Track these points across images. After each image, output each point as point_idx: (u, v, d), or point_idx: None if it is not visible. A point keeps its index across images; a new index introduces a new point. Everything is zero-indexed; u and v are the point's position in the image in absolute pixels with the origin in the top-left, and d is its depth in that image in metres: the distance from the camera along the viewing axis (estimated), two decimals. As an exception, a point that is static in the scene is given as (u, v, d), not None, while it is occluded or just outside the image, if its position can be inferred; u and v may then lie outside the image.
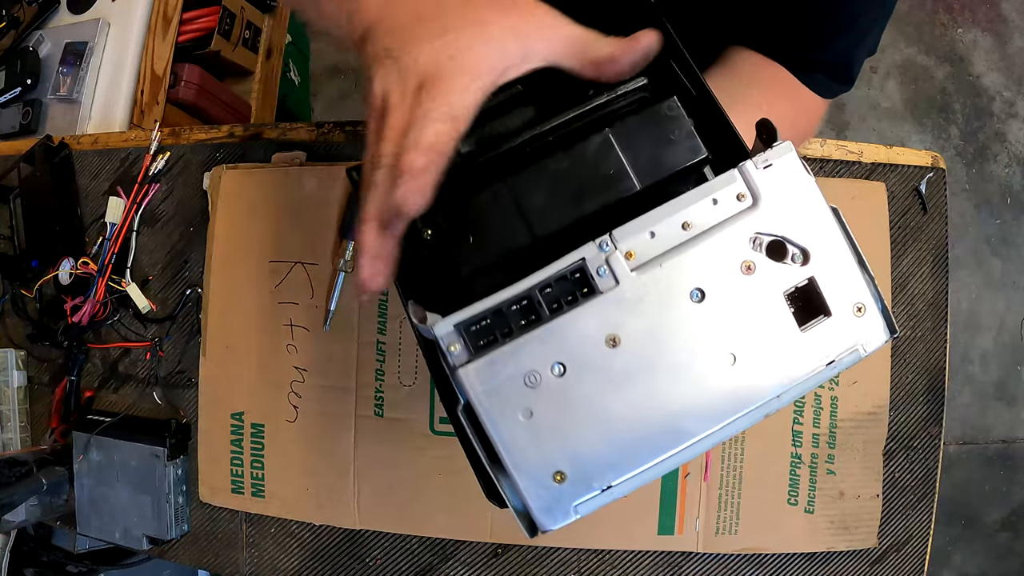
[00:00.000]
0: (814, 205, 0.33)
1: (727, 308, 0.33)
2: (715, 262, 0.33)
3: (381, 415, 0.72)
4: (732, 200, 0.33)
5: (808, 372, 0.33)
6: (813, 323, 0.33)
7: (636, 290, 0.33)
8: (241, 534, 0.76)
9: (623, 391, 0.32)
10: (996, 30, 1.91)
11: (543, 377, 0.33)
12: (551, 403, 0.33)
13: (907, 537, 0.70)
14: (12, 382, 0.84)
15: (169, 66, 1.23)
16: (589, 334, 0.33)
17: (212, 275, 0.76)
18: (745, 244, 0.33)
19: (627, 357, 0.32)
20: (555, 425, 0.33)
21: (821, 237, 0.33)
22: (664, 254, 0.33)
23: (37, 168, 0.84)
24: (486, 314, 0.33)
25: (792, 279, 0.33)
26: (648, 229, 0.33)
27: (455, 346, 0.34)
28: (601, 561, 0.70)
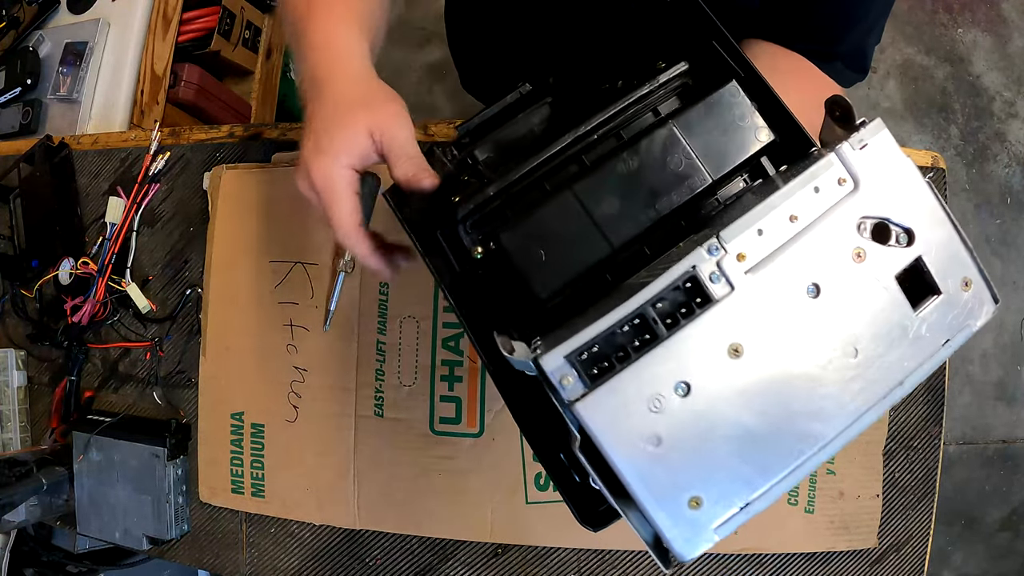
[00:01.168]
0: (913, 183, 0.32)
1: (843, 300, 0.31)
2: (826, 253, 0.31)
3: (381, 415, 0.72)
4: (834, 186, 0.31)
5: (928, 354, 0.31)
6: (926, 303, 0.31)
7: (753, 293, 0.31)
8: (241, 534, 0.76)
9: (752, 402, 0.30)
10: (996, 30, 1.91)
11: (667, 400, 0.30)
12: (679, 426, 0.30)
13: (907, 537, 0.70)
14: (12, 382, 0.84)
15: (169, 66, 1.23)
16: (710, 347, 0.30)
17: (212, 275, 0.76)
18: (852, 231, 0.31)
19: (752, 365, 0.30)
20: (686, 449, 0.30)
21: (922, 215, 0.32)
22: (776, 251, 0.31)
23: (37, 168, 0.84)
24: (597, 339, 0.30)
25: (901, 261, 0.31)
26: (756, 226, 0.31)
27: (568, 379, 0.30)
28: (601, 561, 0.70)
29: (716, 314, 0.30)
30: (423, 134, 0.75)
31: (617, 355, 0.31)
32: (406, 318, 0.72)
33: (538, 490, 0.70)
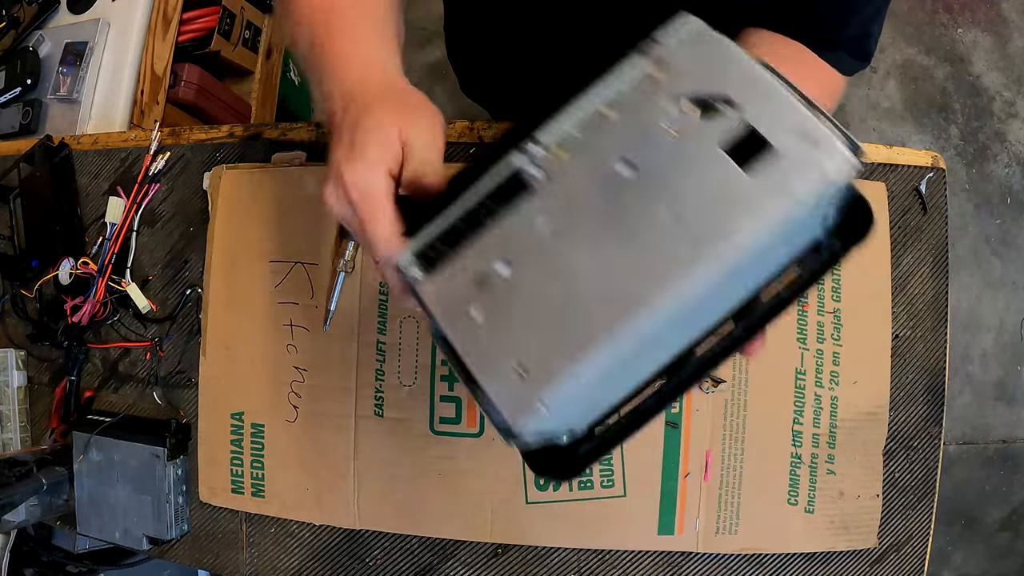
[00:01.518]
0: (733, 57, 0.33)
1: (666, 175, 0.32)
2: (641, 133, 0.33)
3: (381, 415, 0.72)
4: (642, 76, 0.34)
5: (770, 213, 0.30)
6: (758, 163, 0.31)
7: (569, 177, 0.34)
8: (241, 534, 0.76)
9: (572, 273, 0.32)
10: (996, 30, 1.91)
11: (492, 277, 0.34)
12: (503, 299, 0.33)
13: (907, 537, 0.70)
14: (12, 382, 0.84)
15: (169, 66, 1.24)
16: (531, 228, 0.34)
17: (212, 275, 0.76)
18: (670, 110, 0.33)
19: (571, 240, 0.33)
20: (508, 319, 0.33)
21: (750, 86, 0.32)
22: (590, 139, 0.34)
23: (37, 168, 0.84)
24: (437, 236, 0.36)
25: (728, 130, 0.32)
26: (568, 124, 0.35)
27: (413, 269, 0.36)
28: (601, 561, 0.70)
29: (536, 199, 0.34)
30: (423, 134, 0.75)
31: (452, 245, 0.36)
32: (406, 318, 0.72)
33: (538, 490, 0.70)
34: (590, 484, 0.69)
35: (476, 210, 0.36)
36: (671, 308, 0.31)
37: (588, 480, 0.69)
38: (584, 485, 0.69)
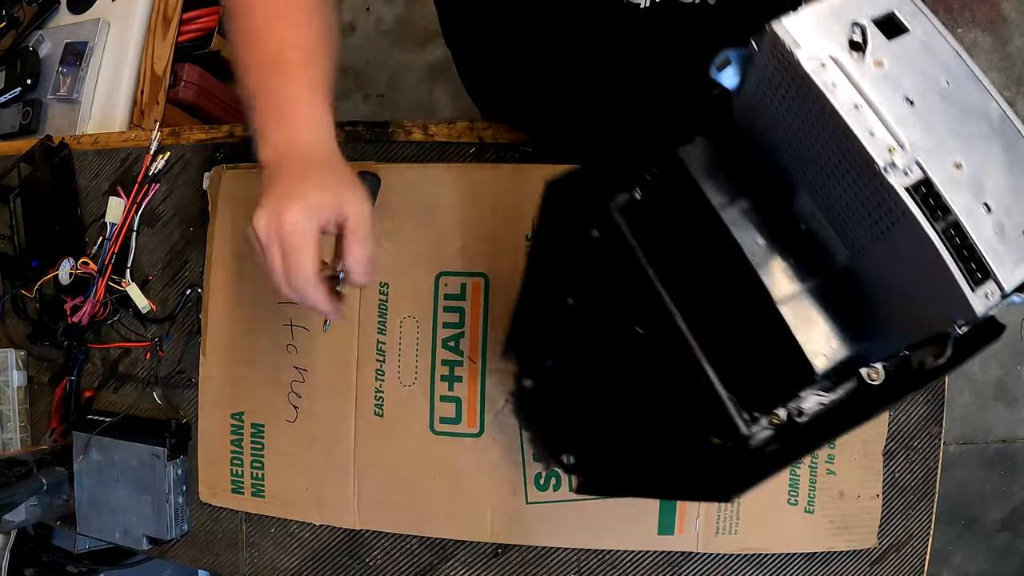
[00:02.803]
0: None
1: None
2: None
3: (381, 415, 0.72)
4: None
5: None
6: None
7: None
8: (241, 534, 0.76)
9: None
10: (996, 30, 1.91)
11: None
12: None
13: (907, 537, 0.70)
14: (12, 382, 0.84)
15: (169, 66, 1.24)
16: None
17: (212, 275, 0.76)
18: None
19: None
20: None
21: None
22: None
23: (37, 168, 0.84)
24: None
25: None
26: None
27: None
28: (601, 561, 0.70)
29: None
30: (423, 134, 0.75)
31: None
32: (406, 318, 0.72)
33: (538, 490, 0.70)
34: (590, 484, 0.69)
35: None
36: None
37: (588, 480, 0.69)
38: (584, 485, 0.69)
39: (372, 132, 0.75)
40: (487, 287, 0.71)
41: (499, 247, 0.71)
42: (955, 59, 0.33)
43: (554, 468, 0.56)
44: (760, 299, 0.38)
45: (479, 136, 0.74)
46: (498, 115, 0.77)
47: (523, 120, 0.75)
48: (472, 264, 0.71)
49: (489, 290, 0.71)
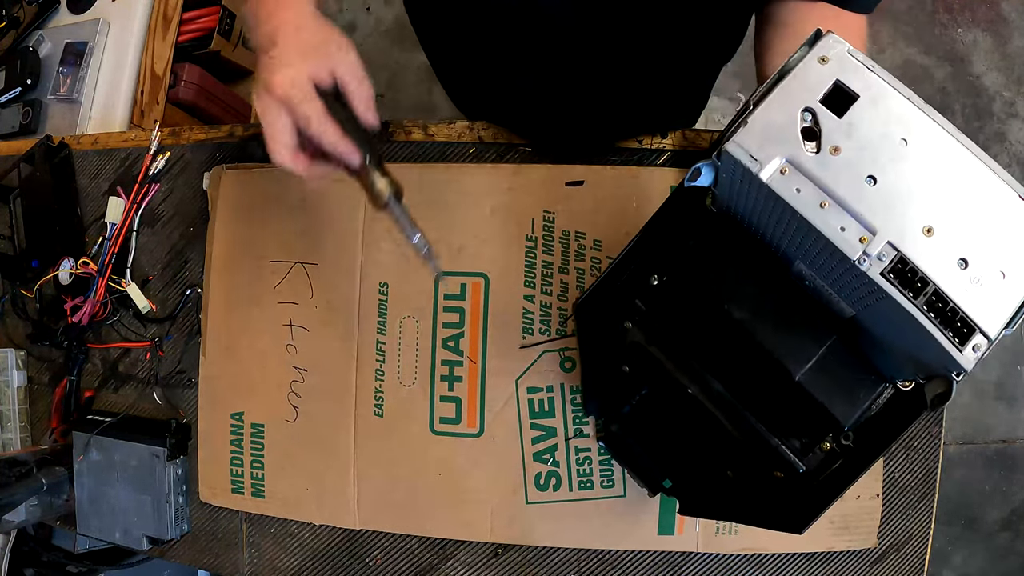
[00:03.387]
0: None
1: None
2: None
3: (381, 415, 0.72)
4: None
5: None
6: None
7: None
8: (241, 534, 0.76)
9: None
10: (996, 30, 1.91)
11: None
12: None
13: (907, 537, 0.70)
14: (12, 382, 0.84)
15: (169, 66, 1.23)
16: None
17: (212, 275, 0.76)
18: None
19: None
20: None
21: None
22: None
23: (37, 168, 0.84)
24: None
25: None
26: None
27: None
28: (601, 561, 0.70)
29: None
30: (423, 134, 0.75)
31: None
32: (406, 318, 0.72)
33: (538, 490, 0.70)
34: (590, 484, 0.69)
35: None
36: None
37: (588, 480, 0.69)
38: (584, 485, 0.69)
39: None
40: (487, 287, 0.71)
41: (499, 247, 0.71)
42: (909, 108, 0.34)
43: (659, 492, 0.63)
44: (785, 377, 0.41)
45: (479, 136, 0.74)
46: (479, 115, 0.78)
47: (503, 118, 0.75)
48: (472, 264, 0.71)
49: (489, 290, 0.71)
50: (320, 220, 0.74)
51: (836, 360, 0.41)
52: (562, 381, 0.70)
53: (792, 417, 0.43)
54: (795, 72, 0.34)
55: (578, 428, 0.69)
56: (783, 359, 0.41)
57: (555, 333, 0.70)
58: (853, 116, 0.34)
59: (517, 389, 0.70)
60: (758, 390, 0.44)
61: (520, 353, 0.70)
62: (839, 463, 0.43)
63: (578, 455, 0.69)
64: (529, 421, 0.70)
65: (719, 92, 1.77)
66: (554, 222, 0.71)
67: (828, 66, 0.34)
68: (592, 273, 0.70)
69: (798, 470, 0.43)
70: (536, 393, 0.70)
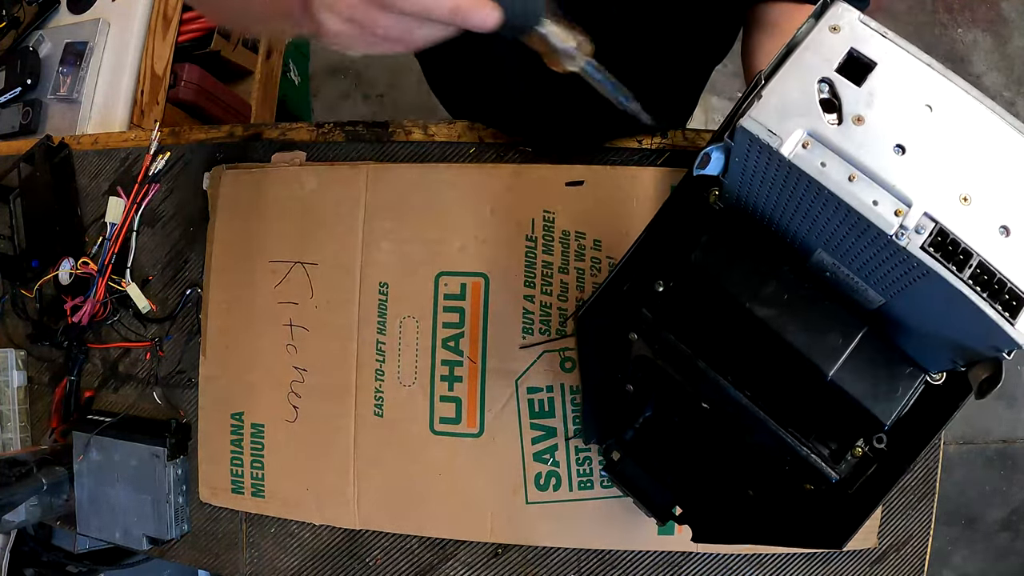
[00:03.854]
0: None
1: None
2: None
3: (381, 415, 0.72)
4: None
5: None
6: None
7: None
8: (241, 534, 0.76)
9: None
10: (996, 30, 1.91)
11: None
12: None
13: (907, 537, 0.70)
14: (12, 382, 0.84)
15: (169, 66, 1.23)
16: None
17: (212, 275, 0.76)
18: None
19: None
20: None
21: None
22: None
23: (37, 168, 0.84)
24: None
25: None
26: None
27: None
28: (601, 561, 0.70)
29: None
30: (423, 134, 0.75)
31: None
32: (406, 318, 0.72)
33: (538, 490, 0.70)
34: (590, 484, 0.69)
35: None
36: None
37: (588, 480, 0.69)
38: (584, 485, 0.69)
39: (372, 132, 0.75)
40: (487, 287, 0.71)
41: (499, 247, 0.71)
42: (929, 73, 0.32)
43: (669, 520, 0.59)
44: (815, 377, 0.39)
45: (479, 136, 0.74)
46: (465, 115, 0.78)
47: (494, 122, 0.75)
48: (472, 264, 0.71)
49: (489, 290, 0.71)
50: (320, 220, 0.74)
51: (869, 354, 0.38)
52: (562, 381, 0.70)
53: (821, 422, 0.41)
54: (806, 43, 0.32)
55: (578, 428, 0.69)
56: (813, 357, 0.38)
57: (555, 333, 0.70)
58: (872, 84, 0.32)
59: (517, 389, 0.70)
60: (783, 395, 0.41)
61: (520, 353, 0.70)
62: (874, 468, 0.40)
63: (578, 455, 0.69)
64: (529, 421, 0.70)
65: (719, 92, 1.77)
66: (554, 222, 0.71)
67: (840, 35, 0.32)
68: (592, 273, 0.70)
69: (830, 480, 0.40)
70: (536, 393, 0.70)
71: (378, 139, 0.75)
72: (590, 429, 0.64)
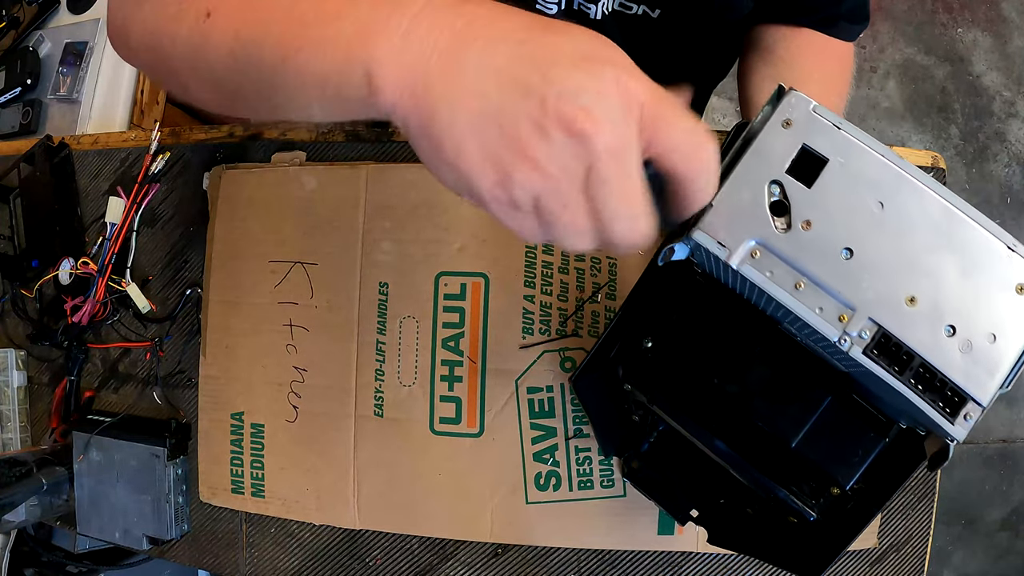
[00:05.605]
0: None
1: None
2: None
3: (381, 415, 0.72)
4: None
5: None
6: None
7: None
8: (241, 534, 0.76)
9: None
10: (996, 30, 1.91)
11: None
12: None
13: (907, 537, 0.70)
14: (12, 382, 0.84)
15: (169, 66, 1.23)
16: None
17: (212, 275, 0.76)
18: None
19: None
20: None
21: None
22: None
23: (37, 168, 0.84)
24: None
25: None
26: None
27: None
28: (601, 561, 0.70)
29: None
30: (423, 134, 0.75)
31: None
32: (406, 318, 0.72)
33: (538, 490, 0.70)
34: (590, 484, 0.69)
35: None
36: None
37: (588, 480, 0.69)
38: (584, 485, 0.69)
39: (372, 132, 0.75)
40: (487, 287, 0.71)
41: (499, 247, 0.71)
42: (883, 165, 0.32)
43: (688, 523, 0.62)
44: (782, 443, 0.40)
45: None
46: None
47: None
48: (472, 264, 0.71)
49: (489, 290, 0.71)
50: (320, 220, 0.74)
51: (833, 420, 0.39)
52: (562, 381, 0.70)
53: (796, 472, 0.42)
54: (758, 142, 0.32)
55: (578, 428, 0.69)
56: (777, 431, 0.40)
57: (555, 333, 0.70)
58: (824, 182, 0.32)
59: (517, 389, 0.70)
60: (760, 449, 0.43)
61: (520, 353, 0.70)
62: (851, 505, 0.42)
63: (578, 455, 0.69)
64: (529, 421, 0.70)
65: (719, 92, 1.77)
66: (554, 222, 0.71)
67: (793, 130, 0.32)
68: (592, 273, 0.70)
69: (808, 519, 0.42)
70: (536, 393, 0.70)
71: (378, 139, 0.75)
72: (608, 447, 0.66)
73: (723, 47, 0.66)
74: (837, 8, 0.61)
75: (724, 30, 0.61)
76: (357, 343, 0.72)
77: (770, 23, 0.62)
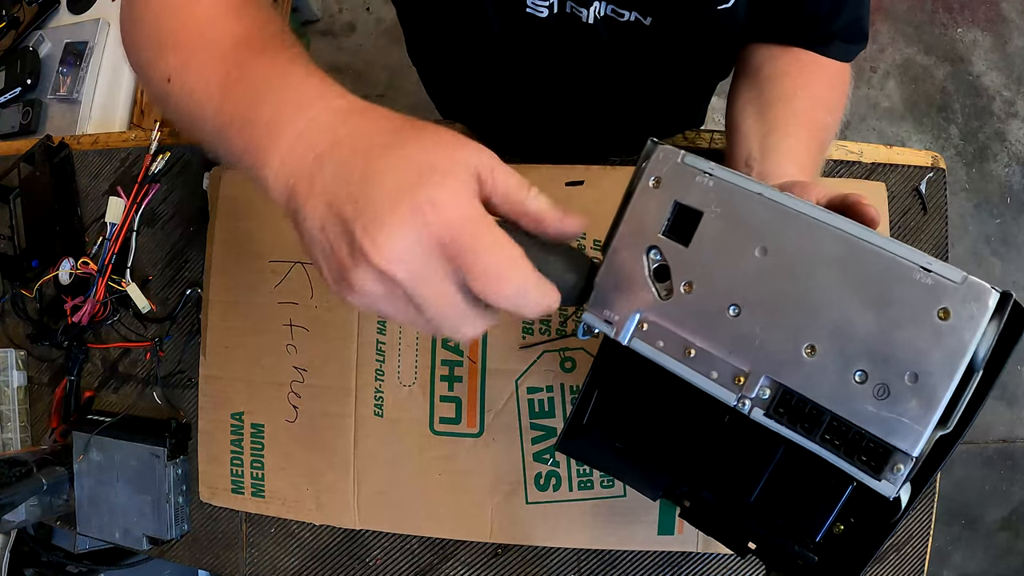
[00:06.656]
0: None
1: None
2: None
3: (381, 415, 0.72)
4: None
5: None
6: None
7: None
8: (241, 534, 0.76)
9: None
10: (996, 30, 1.91)
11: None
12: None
13: (907, 537, 0.70)
14: (12, 382, 0.84)
15: (169, 66, 1.23)
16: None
17: (212, 275, 0.76)
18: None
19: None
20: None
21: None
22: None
23: (37, 168, 0.84)
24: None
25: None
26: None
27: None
28: (601, 561, 0.70)
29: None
30: (423, 134, 0.75)
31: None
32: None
33: (538, 490, 0.70)
34: (590, 484, 0.69)
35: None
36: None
37: (588, 480, 0.69)
38: (584, 485, 0.69)
39: (372, 132, 0.75)
40: (487, 287, 0.71)
41: (499, 247, 0.71)
42: (762, 206, 0.29)
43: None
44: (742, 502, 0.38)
45: (479, 136, 0.74)
46: (456, 117, 0.78)
47: (478, 124, 0.76)
48: (472, 264, 0.71)
49: (489, 290, 0.71)
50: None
51: (791, 469, 0.35)
52: (562, 381, 0.70)
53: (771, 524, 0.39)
54: (631, 209, 0.31)
55: (578, 428, 0.69)
56: (732, 489, 0.36)
57: (555, 333, 0.70)
58: (700, 238, 0.30)
59: (517, 389, 0.70)
60: (734, 504, 0.39)
61: (520, 353, 0.70)
62: (853, 539, 0.38)
63: (578, 455, 0.69)
64: (529, 421, 0.70)
65: (719, 92, 1.76)
66: (554, 222, 0.71)
67: (663, 188, 0.31)
68: (592, 273, 0.70)
69: (811, 562, 0.38)
70: (536, 393, 0.70)
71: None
72: (647, 490, 0.65)
73: (720, 53, 0.65)
74: (832, 25, 0.58)
75: (718, 40, 0.60)
76: (357, 343, 0.72)
77: (762, 42, 0.61)
